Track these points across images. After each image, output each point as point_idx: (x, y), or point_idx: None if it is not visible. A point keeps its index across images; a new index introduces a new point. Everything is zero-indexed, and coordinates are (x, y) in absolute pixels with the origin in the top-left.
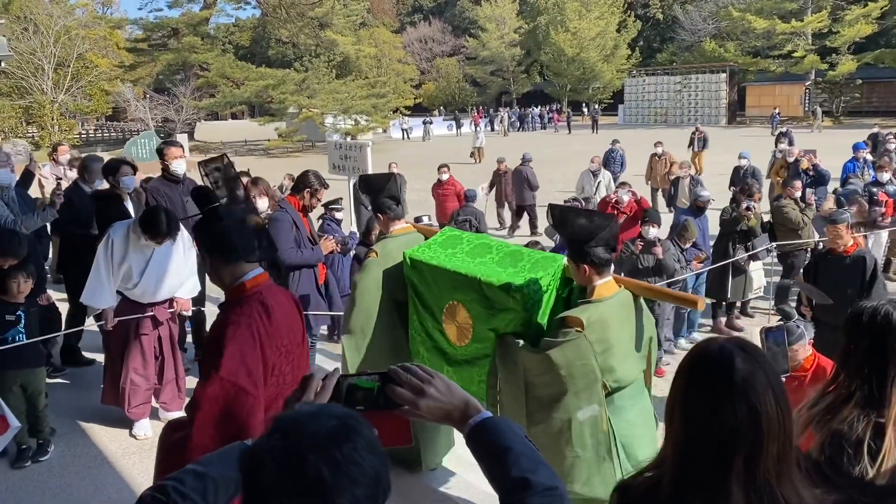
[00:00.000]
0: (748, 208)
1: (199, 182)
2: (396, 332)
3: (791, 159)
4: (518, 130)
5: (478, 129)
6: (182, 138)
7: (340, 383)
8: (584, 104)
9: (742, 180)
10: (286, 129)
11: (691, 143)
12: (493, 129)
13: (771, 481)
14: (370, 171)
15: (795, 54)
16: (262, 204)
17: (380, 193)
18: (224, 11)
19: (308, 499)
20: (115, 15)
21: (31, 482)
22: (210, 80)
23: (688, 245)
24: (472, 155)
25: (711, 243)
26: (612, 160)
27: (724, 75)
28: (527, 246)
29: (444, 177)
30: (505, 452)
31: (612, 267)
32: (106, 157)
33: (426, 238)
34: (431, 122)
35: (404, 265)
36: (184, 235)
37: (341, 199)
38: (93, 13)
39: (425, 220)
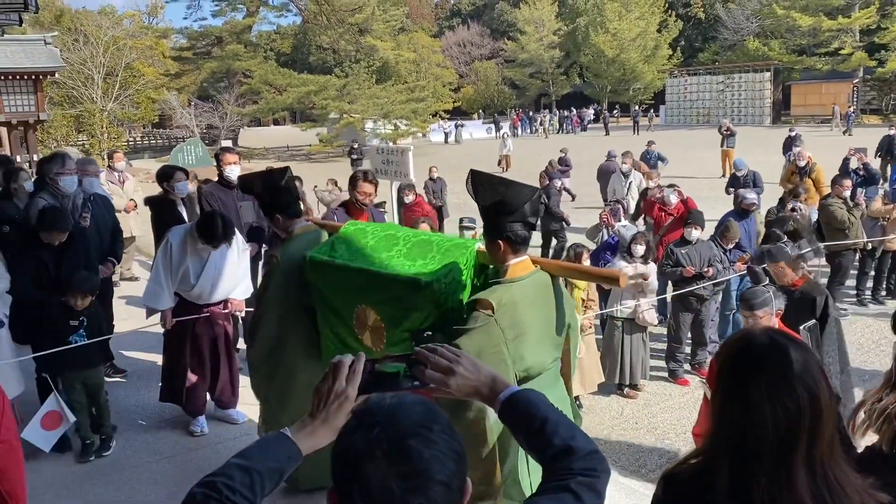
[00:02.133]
0: (794, 209)
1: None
2: (312, 344)
3: (802, 163)
4: (558, 132)
5: (504, 135)
6: (226, 144)
7: (367, 368)
8: (629, 105)
9: (743, 186)
10: (327, 134)
11: (722, 142)
12: (532, 132)
13: (825, 462)
14: (412, 176)
15: (842, 51)
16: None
17: (274, 192)
18: (266, 19)
19: (413, 480)
20: (161, 25)
21: (96, 476)
22: (253, 86)
23: (730, 246)
24: (499, 163)
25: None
26: (646, 161)
27: (768, 74)
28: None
29: (409, 199)
30: (543, 423)
31: (528, 246)
32: (153, 164)
33: (329, 234)
34: (463, 126)
35: (306, 269)
36: (238, 239)
37: (384, 202)
38: (140, 24)
39: (466, 221)
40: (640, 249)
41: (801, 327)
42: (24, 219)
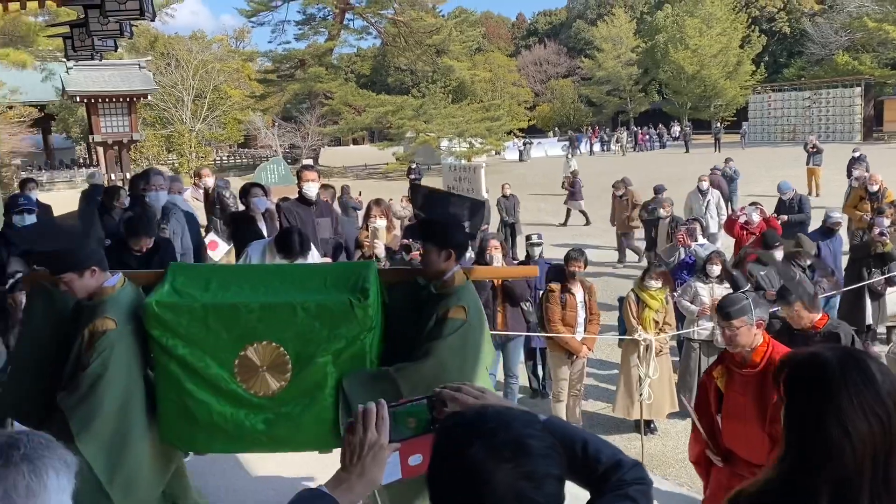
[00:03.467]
0: (882, 233)
1: (334, 204)
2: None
3: (874, 188)
4: (634, 150)
5: (568, 155)
6: (307, 163)
7: (390, 413)
8: (710, 122)
9: (789, 211)
10: (403, 153)
11: (808, 160)
12: (608, 150)
13: None
14: (484, 193)
15: None
16: (381, 223)
17: (74, 239)
18: (347, 42)
19: (536, 479)
20: (248, 48)
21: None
22: (334, 107)
23: (807, 262)
24: (563, 184)
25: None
26: (725, 178)
27: (858, 89)
28: None
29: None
30: (584, 445)
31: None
32: (238, 182)
33: (144, 284)
34: (531, 143)
35: (149, 322)
36: (314, 254)
37: None
38: (227, 47)
39: (534, 237)
40: (715, 269)
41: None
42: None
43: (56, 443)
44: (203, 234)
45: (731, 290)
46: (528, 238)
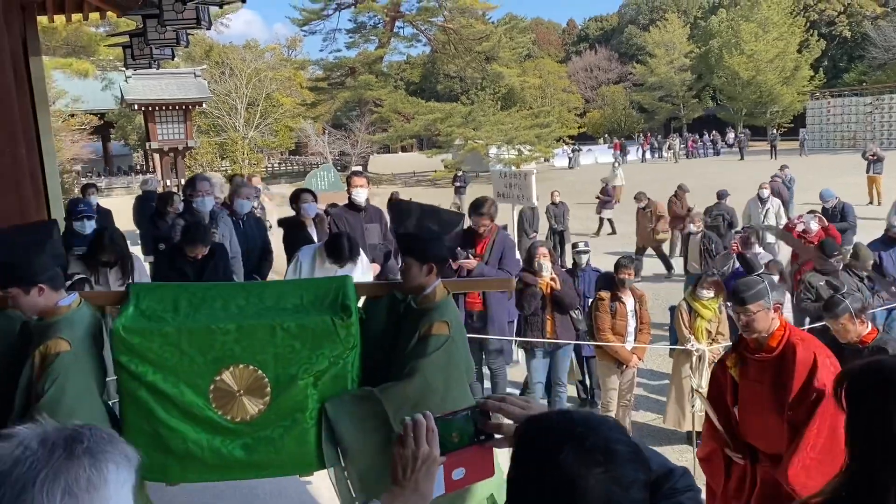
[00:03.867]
0: None
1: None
2: None
3: None
4: (687, 157)
5: (615, 164)
6: (356, 169)
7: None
8: (766, 129)
9: (831, 219)
10: (451, 160)
11: (868, 168)
12: (660, 157)
13: None
14: (535, 200)
15: None
16: None
17: (21, 251)
18: (397, 50)
19: (625, 482)
20: (299, 57)
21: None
22: (383, 115)
23: (865, 273)
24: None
25: None
26: (782, 185)
27: None
28: None
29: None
30: None
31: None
32: (289, 188)
33: (101, 305)
34: (581, 150)
35: (116, 349)
36: (363, 259)
37: (506, 225)
38: (280, 56)
39: (581, 245)
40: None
41: None
42: (171, 237)
43: (119, 437)
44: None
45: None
46: (574, 246)
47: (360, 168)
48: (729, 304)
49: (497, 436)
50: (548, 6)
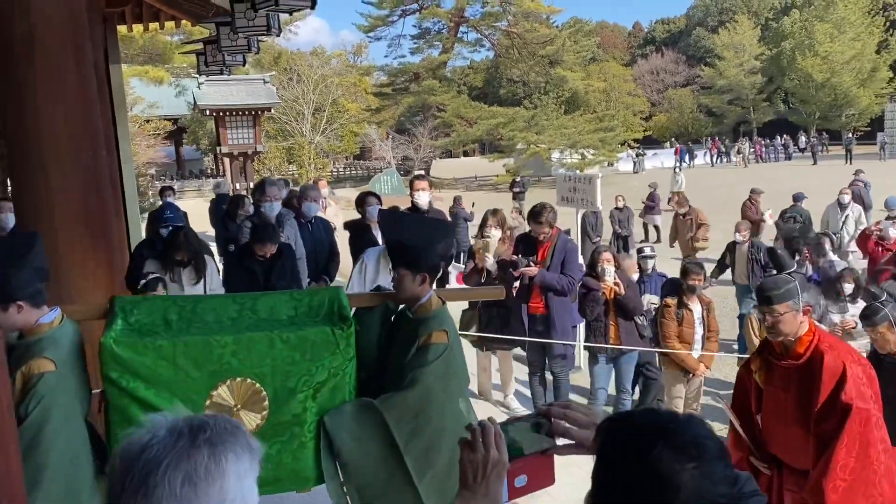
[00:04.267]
0: None
1: (446, 213)
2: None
3: None
4: (756, 161)
5: (676, 168)
6: (419, 173)
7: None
8: (840, 132)
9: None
10: (513, 164)
11: None
12: (728, 161)
13: None
14: (599, 204)
15: None
16: (496, 234)
17: (5, 269)
18: (460, 55)
19: (714, 478)
20: (365, 63)
21: None
22: (446, 119)
23: None
24: (670, 200)
25: None
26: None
27: None
28: None
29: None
30: None
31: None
32: (354, 192)
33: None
34: (645, 155)
35: (106, 364)
36: None
37: (569, 230)
38: (345, 62)
39: (647, 250)
40: (847, 287)
41: None
42: (239, 238)
43: (242, 428)
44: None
45: (776, 273)
46: (639, 251)
47: (422, 172)
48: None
49: (560, 442)
50: (613, 9)
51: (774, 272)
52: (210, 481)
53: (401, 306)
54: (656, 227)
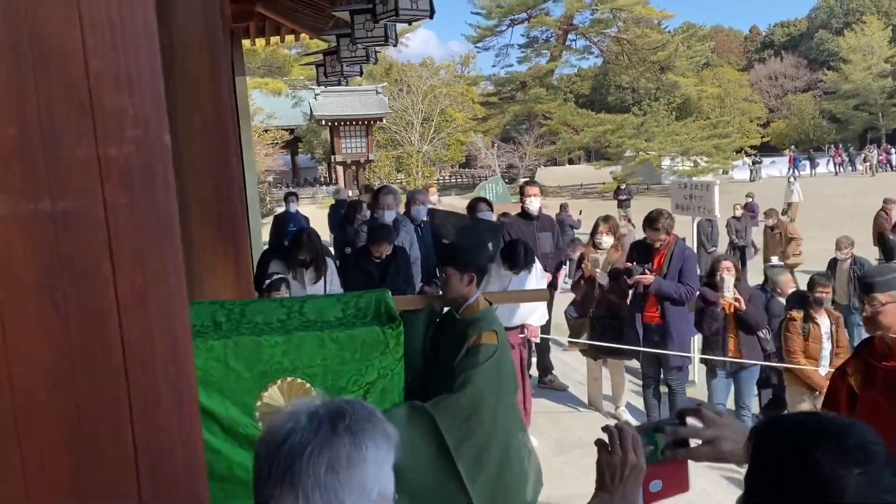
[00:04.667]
0: None
1: (553, 219)
2: None
3: None
4: (884, 170)
5: (791, 178)
6: (529, 179)
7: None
8: None
9: None
10: (621, 172)
11: None
12: (853, 169)
13: None
14: (717, 212)
15: None
16: (608, 241)
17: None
18: (568, 62)
19: (882, 485)
20: (472, 73)
21: None
22: (552, 127)
23: None
24: (784, 212)
25: None
26: None
27: None
28: None
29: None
30: None
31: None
32: (458, 200)
33: None
34: (762, 162)
35: None
36: (537, 267)
37: (684, 238)
38: (454, 73)
39: (774, 259)
40: None
41: None
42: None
43: (379, 415)
44: None
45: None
46: (766, 260)
47: (533, 178)
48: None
49: (694, 444)
50: (729, 13)
51: None
52: (352, 469)
53: (446, 309)
54: (752, 241)
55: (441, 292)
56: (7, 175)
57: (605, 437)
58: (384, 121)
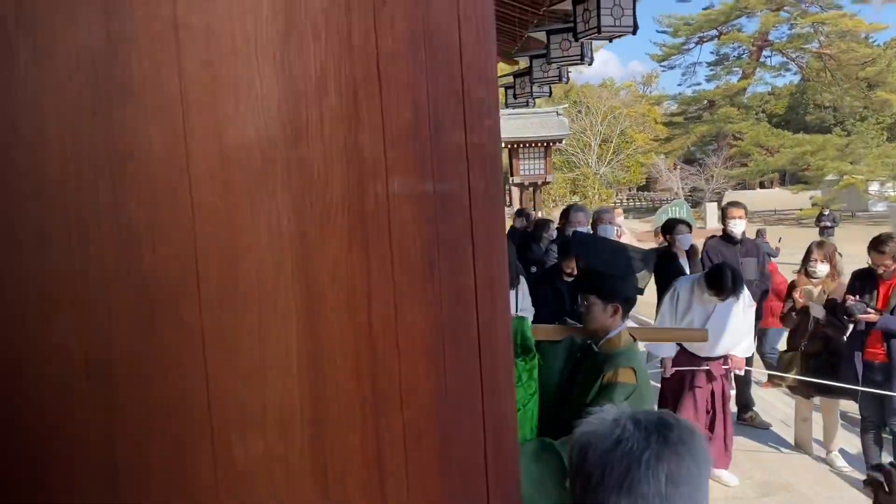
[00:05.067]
0: None
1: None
2: None
3: None
4: None
5: None
6: (711, 207)
7: None
8: None
9: None
10: (821, 197)
11: None
12: None
13: None
14: None
15: None
16: (823, 269)
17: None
18: (762, 80)
19: None
20: (654, 93)
21: None
22: (743, 149)
23: None
24: None
25: None
26: None
27: None
28: None
29: None
30: None
31: None
32: (637, 224)
33: None
34: None
35: None
36: (745, 294)
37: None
38: (635, 93)
39: None
40: None
41: None
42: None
43: (700, 432)
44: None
45: None
46: None
47: (714, 206)
48: None
49: None
50: None
51: None
52: (689, 485)
53: (587, 341)
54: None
55: (582, 323)
56: (403, 156)
57: (877, 476)
58: (563, 142)
